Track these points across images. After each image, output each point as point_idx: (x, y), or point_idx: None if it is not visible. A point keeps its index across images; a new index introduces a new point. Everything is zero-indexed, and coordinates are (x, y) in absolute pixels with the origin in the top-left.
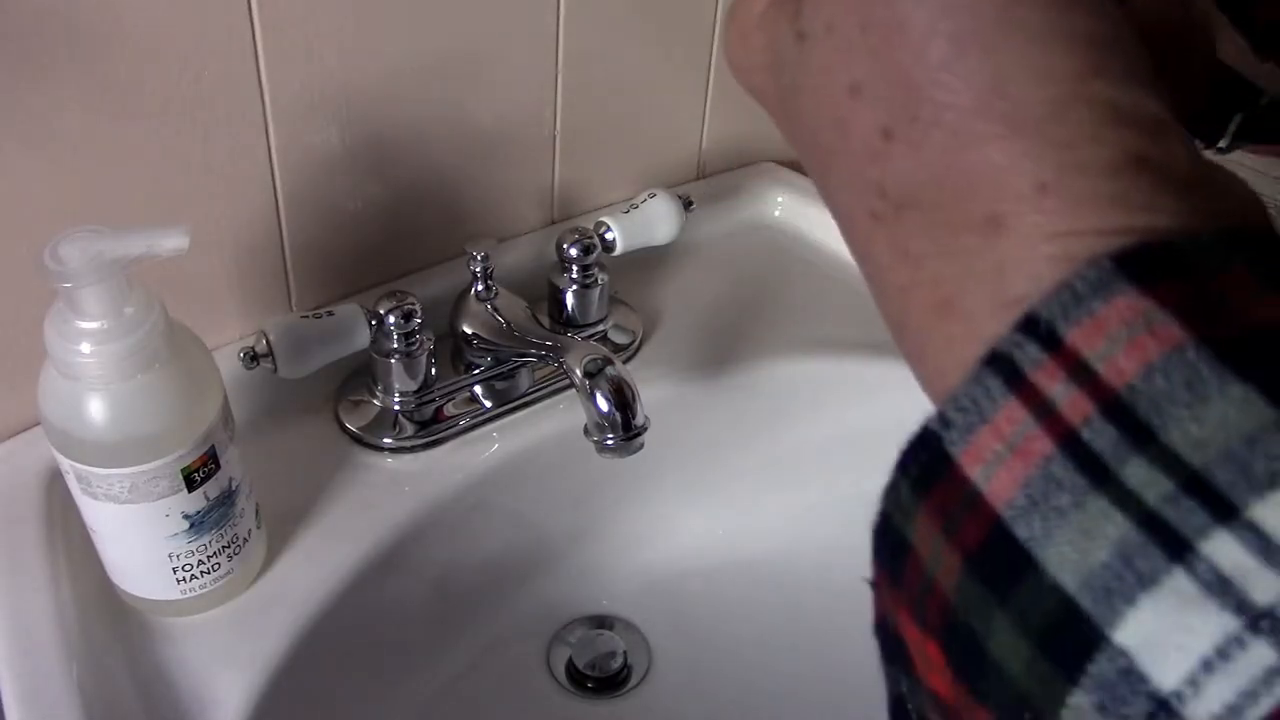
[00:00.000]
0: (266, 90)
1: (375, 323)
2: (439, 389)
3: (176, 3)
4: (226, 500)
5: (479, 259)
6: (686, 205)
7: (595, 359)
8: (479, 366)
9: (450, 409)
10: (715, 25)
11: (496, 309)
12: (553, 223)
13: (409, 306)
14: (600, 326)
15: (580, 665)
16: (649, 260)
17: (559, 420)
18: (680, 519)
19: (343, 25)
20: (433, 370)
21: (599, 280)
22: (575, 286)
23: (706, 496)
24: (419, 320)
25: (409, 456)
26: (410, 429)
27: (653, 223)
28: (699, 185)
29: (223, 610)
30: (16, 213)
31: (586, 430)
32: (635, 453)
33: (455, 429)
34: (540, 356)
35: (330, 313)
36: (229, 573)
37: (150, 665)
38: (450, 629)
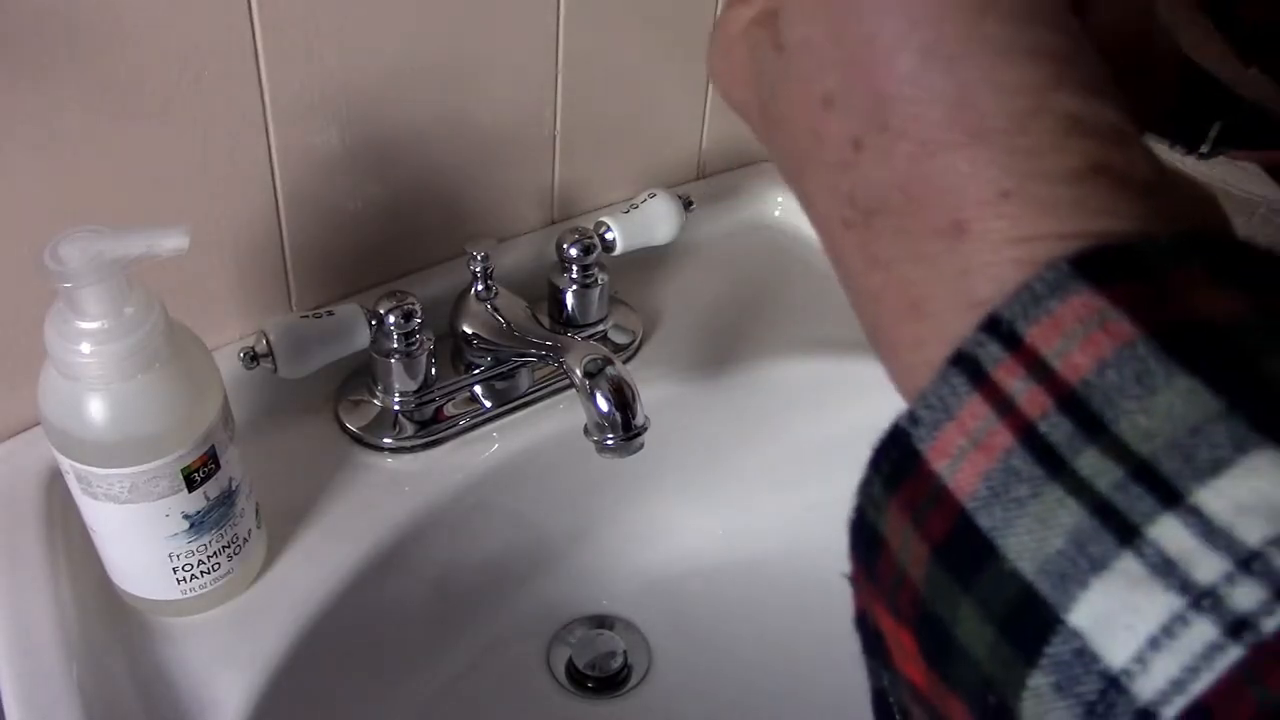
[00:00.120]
0: (266, 90)
1: (375, 323)
2: (439, 389)
3: (176, 3)
4: (226, 500)
5: (479, 259)
6: (686, 205)
7: (595, 359)
8: (479, 366)
9: (450, 409)
10: (715, 25)
11: (496, 309)
12: (553, 223)
13: (409, 306)
14: (600, 326)
15: (580, 665)
16: (649, 260)
17: (559, 420)
18: (680, 519)
19: (343, 25)
20: (433, 370)
21: (599, 280)
22: (575, 286)
23: (706, 496)
24: (419, 320)
25: (409, 456)
26: (410, 429)
27: (653, 223)
28: (699, 185)
29: (223, 610)
30: (16, 213)
31: (586, 430)
32: (635, 453)
33: (455, 429)
34: (540, 356)
35: (330, 313)
36: (229, 573)
37: (150, 665)
38: (450, 629)
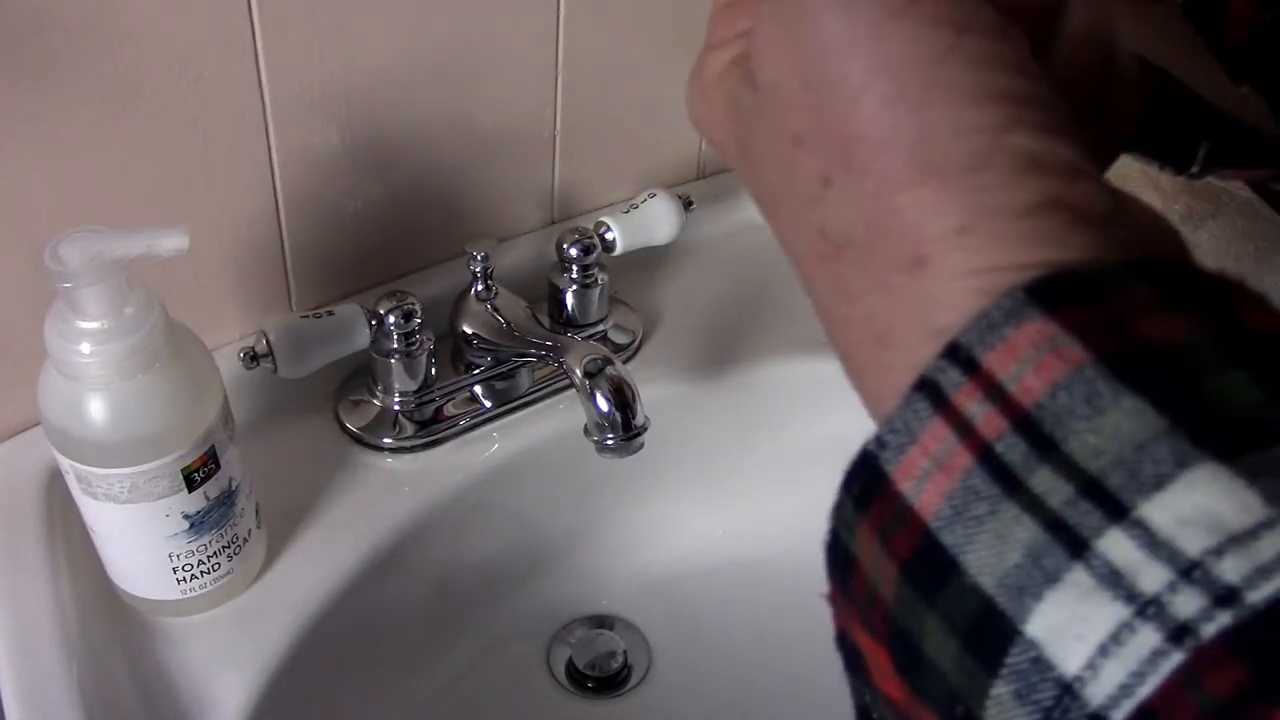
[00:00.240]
0: (266, 90)
1: (375, 323)
2: (439, 389)
3: (176, 3)
4: (226, 500)
5: (479, 259)
6: (686, 205)
7: (595, 359)
8: (479, 366)
9: (450, 409)
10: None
11: (496, 309)
12: (553, 223)
13: (409, 306)
14: (600, 326)
15: (580, 665)
16: (649, 260)
17: (559, 420)
18: (680, 519)
19: (343, 25)
20: (433, 370)
21: (599, 280)
22: (575, 286)
23: (706, 496)
24: (419, 320)
25: (409, 456)
26: (410, 429)
27: (653, 223)
28: (699, 185)
29: (223, 610)
30: (16, 213)
31: (586, 430)
32: (635, 453)
33: (455, 429)
34: (540, 356)
35: (330, 313)
36: (229, 573)
37: (150, 665)
38: (450, 629)
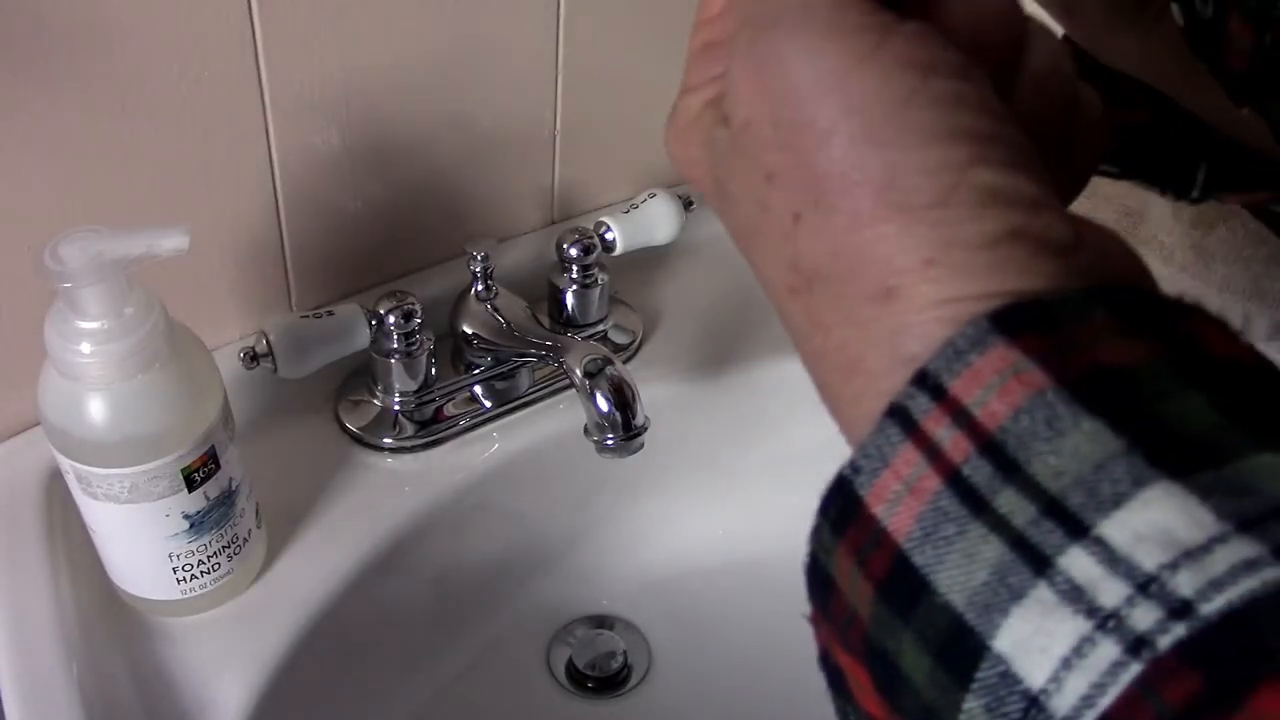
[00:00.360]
0: (266, 90)
1: (375, 323)
2: (439, 389)
3: (176, 3)
4: (226, 500)
5: (479, 259)
6: (686, 205)
7: (595, 359)
8: (479, 366)
9: (450, 409)
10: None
11: (496, 309)
12: (553, 223)
13: (409, 306)
14: (600, 326)
15: (580, 665)
16: (649, 260)
17: (559, 420)
18: (680, 519)
19: (343, 25)
20: (433, 370)
21: (599, 280)
22: (575, 286)
23: (706, 496)
24: (419, 320)
25: (409, 456)
26: (410, 429)
27: (653, 223)
28: None
29: (223, 610)
30: (16, 213)
31: (586, 430)
32: (635, 453)
33: (455, 429)
34: (540, 356)
35: (330, 313)
36: (229, 573)
37: (150, 665)
38: (450, 629)
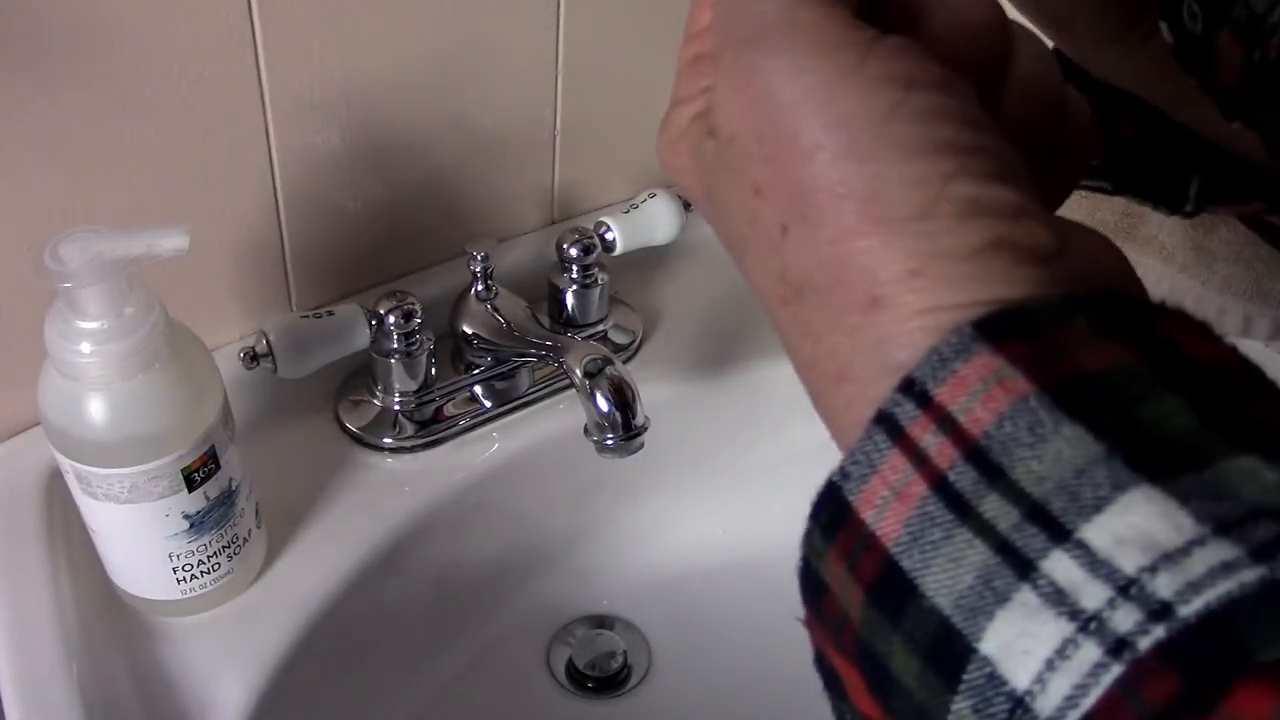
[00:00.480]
0: (266, 90)
1: (375, 323)
2: (439, 389)
3: (177, 3)
4: (226, 500)
5: (479, 259)
6: (686, 205)
7: (595, 359)
8: (479, 366)
9: (450, 409)
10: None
11: (496, 309)
12: (553, 223)
13: (409, 306)
14: (600, 326)
15: (580, 665)
16: (649, 260)
17: (559, 420)
18: (680, 519)
19: (343, 25)
20: (433, 370)
21: (599, 280)
22: (575, 286)
23: (706, 496)
24: (419, 320)
25: (409, 456)
26: (410, 429)
27: (653, 223)
28: None
29: (223, 610)
30: (16, 213)
31: (586, 430)
32: (635, 453)
33: (455, 429)
34: (540, 356)
35: (330, 313)
36: (229, 573)
37: (150, 665)
38: (450, 629)
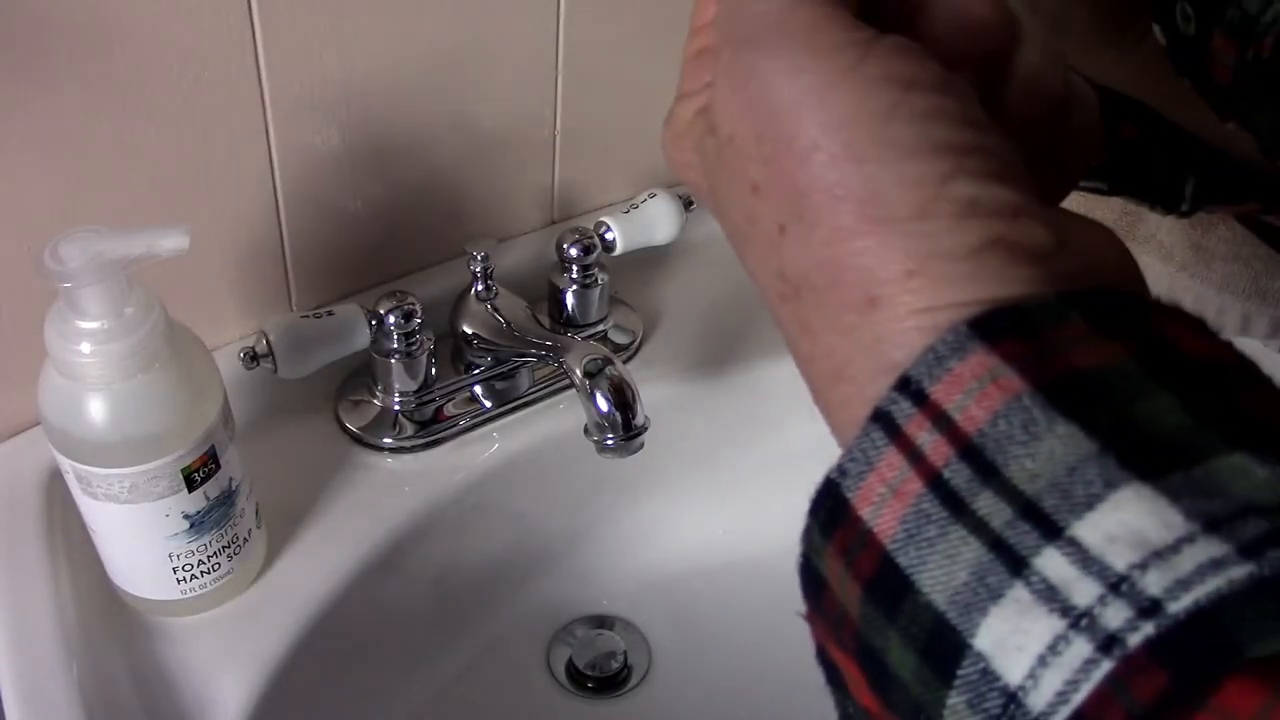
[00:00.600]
0: (266, 90)
1: (375, 323)
2: (439, 389)
3: (176, 3)
4: (226, 500)
5: (479, 259)
6: (687, 205)
7: (595, 359)
8: (479, 366)
9: (450, 409)
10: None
11: (496, 309)
12: (553, 223)
13: (409, 306)
14: (600, 326)
15: (580, 665)
16: (649, 260)
17: (559, 420)
18: (680, 519)
19: (343, 25)
20: (433, 370)
21: (599, 280)
22: (575, 286)
23: (707, 496)
24: (419, 320)
25: (409, 456)
26: (410, 429)
27: (653, 223)
28: None
29: (223, 610)
30: (16, 213)
31: (587, 430)
32: (635, 453)
33: (455, 429)
34: (540, 356)
35: (330, 313)
36: (229, 573)
37: (150, 665)
38: (450, 629)
